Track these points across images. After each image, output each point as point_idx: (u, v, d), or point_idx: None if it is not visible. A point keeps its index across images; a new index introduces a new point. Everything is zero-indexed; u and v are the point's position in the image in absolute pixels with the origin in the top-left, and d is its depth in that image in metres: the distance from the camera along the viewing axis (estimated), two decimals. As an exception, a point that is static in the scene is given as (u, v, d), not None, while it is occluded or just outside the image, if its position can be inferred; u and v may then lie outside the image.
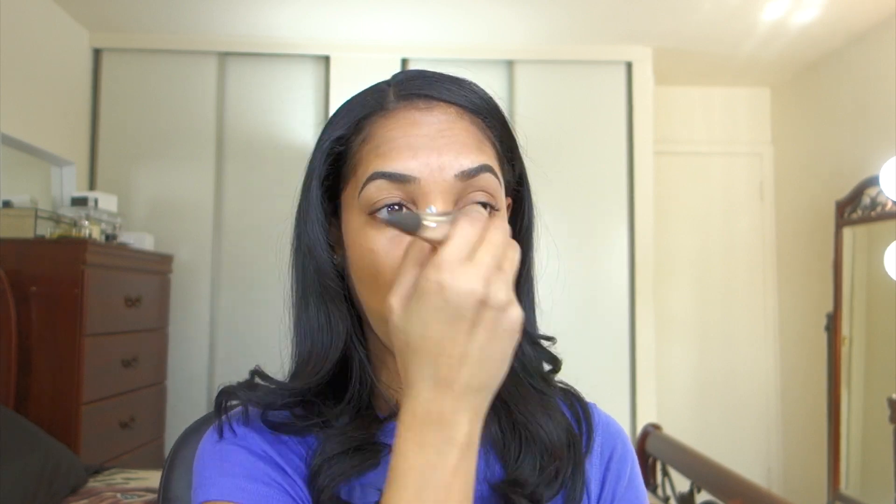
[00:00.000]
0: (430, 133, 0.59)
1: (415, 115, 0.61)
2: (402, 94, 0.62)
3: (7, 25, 2.58)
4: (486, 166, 0.60)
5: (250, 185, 3.26)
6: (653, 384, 3.30)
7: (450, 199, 0.58)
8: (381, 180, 0.58)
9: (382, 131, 0.61)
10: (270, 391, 0.63)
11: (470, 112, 0.62)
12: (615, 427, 0.73)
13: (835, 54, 3.40)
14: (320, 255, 0.63)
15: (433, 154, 0.58)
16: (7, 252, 2.38)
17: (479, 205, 0.60)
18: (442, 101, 0.62)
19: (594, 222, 3.34)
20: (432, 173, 0.58)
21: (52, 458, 1.98)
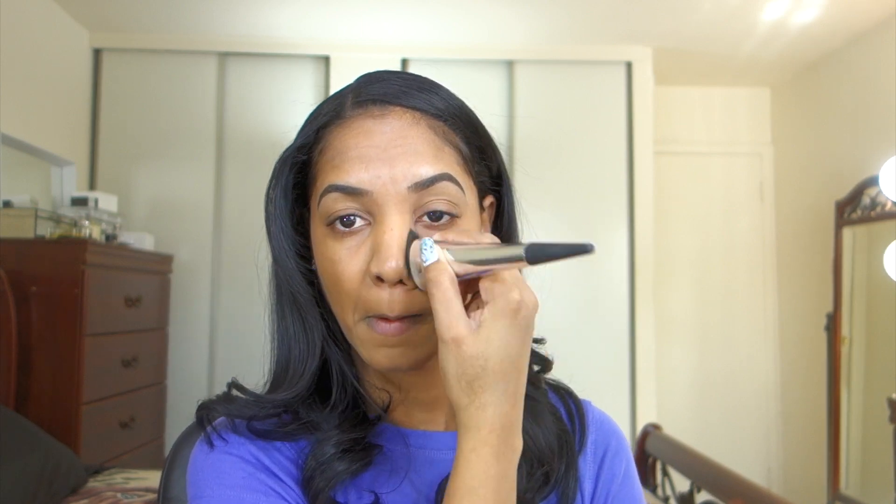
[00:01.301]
0: (381, 143, 0.58)
1: (368, 124, 0.59)
2: (358, 100, 0.61)
3: (7, 25, 2.58)
4: (443, 175, 0.58)
5: (250, 185, 3.25)
6: (653, 384, 3.30)
7: (405, 209, 0.58)
8: (335, 193, 0.58)
9: (337, 142, 0.60)
10: (250, 403, 0.62)
11: (428, 116, 0.60)
12: (609, 424, 0.72)
13: (835, 54, 3.40)
14: (286, 263, 0.63)
15: (385, 166, 0.57)
16: (7, 252, 2.38)
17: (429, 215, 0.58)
18: (398, 107, 0.60)
19: (594, 222, 3.34)
20: (384, 185, 0.57)
21: (52, 458, 1.98)
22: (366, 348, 0.59)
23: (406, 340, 0.58)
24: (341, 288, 0.59)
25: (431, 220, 0.58)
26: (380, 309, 0.57)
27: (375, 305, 0.57)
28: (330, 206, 0.59)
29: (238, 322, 3.22)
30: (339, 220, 0.59)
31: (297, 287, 0.63)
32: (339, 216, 0.59)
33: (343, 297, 0.59)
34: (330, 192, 0.59)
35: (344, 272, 0.58)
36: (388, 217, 0.57)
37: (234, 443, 0.61)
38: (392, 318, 0.57)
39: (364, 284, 0.58)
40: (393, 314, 0.57)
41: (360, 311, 0.58)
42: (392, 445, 0.63)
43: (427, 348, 0.59)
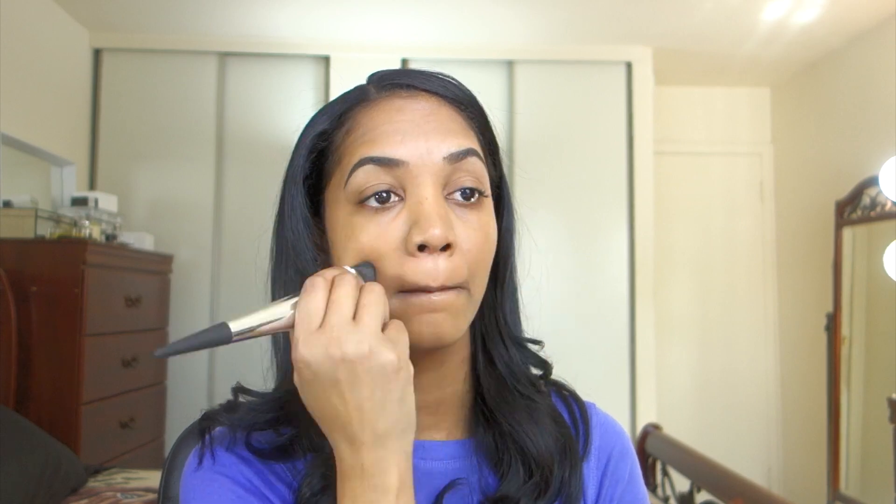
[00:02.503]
0: (415, 118, 0.59)
1: (398, 102, 0.60)
2: (384, 85, 0.62)
3: (7, 25, 2.58)
4: (473, 150, 0.59)
5: (250, 185, 3.25)
6: (653, 384, 3.30)
7: (439, 182, 0.58)
8: (370, 165, 0.57)
9: (367, 119, 0.60)
10: (253, 408, 0.62)
11: (451, 101, 0.62)
12: (614, 427, 0.71)
13: (835, 54, 3.40)
14: (304, 253, 0.61)
15: (420, 138, 0.58)
16: (7, 252, 2.38)
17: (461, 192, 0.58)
18: (424, 91, 0.61)
19: (594, 222, 3.34)
20: (421, 157, 0.57)
21: (52, 458, 1.98)
22: (405, 320, 0.56)
23: (450, 305, 0.56)
24: (381, 264, 0.56)
25: (464, 199, 0.59)
26: (418, 280, 0.55)
27: (413, 276, 0.55)
28: (362, 182, 0.57)
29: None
30: (374, 196, 0.57)
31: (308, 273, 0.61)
32: (374, 192, 0.57)
33: (384, 272, 0.56)
34: (364, 164, 0.57)
35: (380, 247, 0.56)
36: (424, 188, 0.57)
37: (228, 463, 0.59)
38: (434, 288, 0.55)
39: (398, 259, 0.56)
40: (437, 283, 0.55)
41: (393, 287, 0.56)
42: None
43: (465, 323, 0.58)
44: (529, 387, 0.66)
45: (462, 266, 0.57)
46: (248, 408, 0.62)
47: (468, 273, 0.57)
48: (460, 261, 0.57)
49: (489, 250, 0.60)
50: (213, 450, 0.60)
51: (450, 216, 0.57)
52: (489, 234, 0.60)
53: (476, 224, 0.59)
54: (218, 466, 0.59)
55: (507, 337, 0.66)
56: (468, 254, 0.57)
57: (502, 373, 0.65)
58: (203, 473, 0.59)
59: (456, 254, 0.56)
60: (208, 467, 0.59)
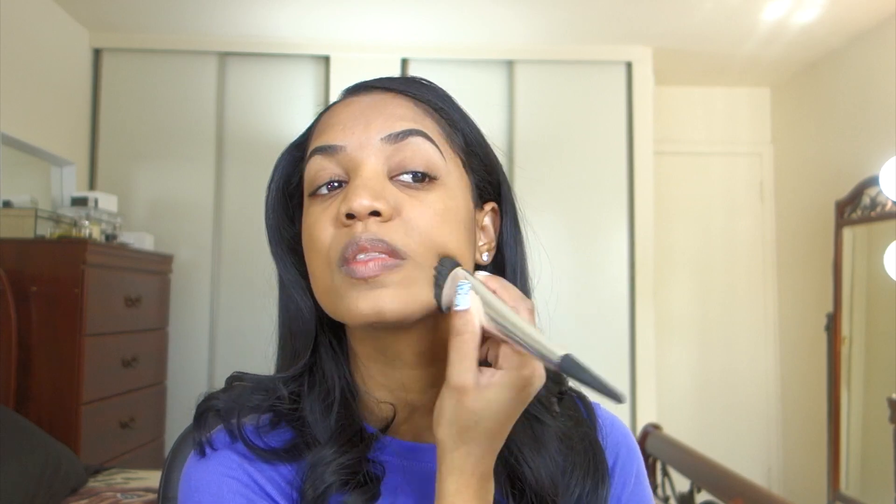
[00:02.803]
0: (361, 108, 0.61)
1: (350, 100, 0.63)
2: (348, 89, 0.65)
3: (7, 25, 2.58)
4: (416, 131, 0.60)
5: (250, 185, 3.25)
6: (653, 384, 3.30)
7: (379, 162, 0.58)
8: (317, 156, 0.60)
9: (322, 119, 0.64)
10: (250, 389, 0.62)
11: (408, 96, 0.63)
12: (620, 428, 0.71)
13: (835, 54, 3.40)
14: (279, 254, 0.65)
15: (360, 125, 0.60)
16: (7, 252, 2.38)
17: (409, 175, 0.59)
18: (381, 88, 0.63)
19: (594, 222, 3.34)
20: (359, 140, 0.59)
21: (52, 458, 1.98)
22: (347, 300, 0.56)
23: (387, 281, 0.55)
24: (315, 244, 0.58)
25: (412, 181, 0.59)
26: (346, 243, 0.56)
27: (347, 243, 0.56)
28: (313, 174, 0.60)
29: (238, 322, 3.21)
30: (324, 185, 0.60)
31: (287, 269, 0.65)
32: (323, 182, 0.60)
33: (317, 254, 0.58)
34: (312, 156, 0.61)
35: (317, 227, 0.59)
36: (361, 167, 0.58)
37: (232, 463, 0.58)
38: (365, 247, 0.55)
39: (334, 235, 0.57)
40: (365, 236, 0.55)
41: (336, 261, 0.57)
42: (393, 459, 0.61)
43: (414, 299, 0.56)
44: (538, 406, 0.63)
45: (403, 235, 0.56)
46: (244, 389, 0.63)
47: (415, 244, 0.56)
48: (401, 230, 0.56)
49: (448, 229, 0.59)
50: (214, 444, 0.59)
51: (391, 192, 0.58)
52: (445, 214, 0.59)
53: (426, 200, 0.58)
54: (223, 468, 0.58)
55: None
56: (415, 227, 0.57)
57: None
58: (213, 477, 0.58)
59: (395, 223, 0.57)
60: (217, 469, 0.58)
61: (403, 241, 0.56)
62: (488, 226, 0.66)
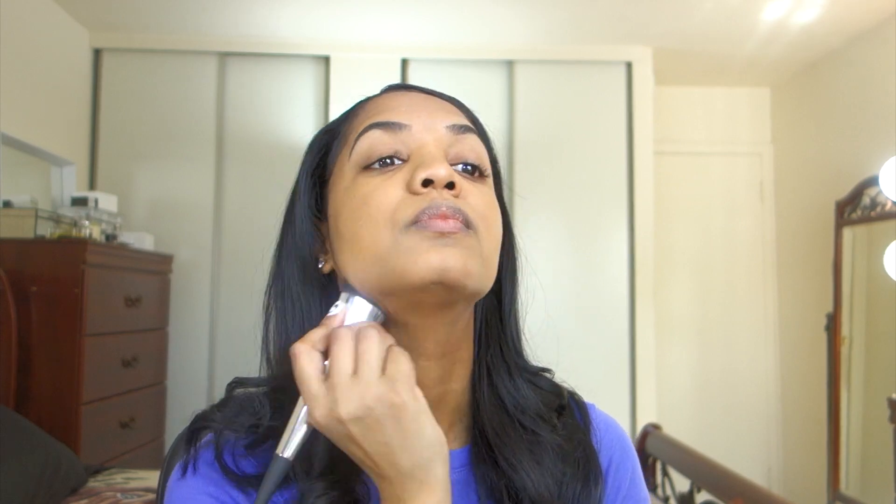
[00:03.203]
0: (420, 99, 0.63)
1: (401, 92, 0.64)
2: (388, 88, 0.66)
3: (7, 25, 2.58)
4: (475, 129, 0.63)
5: (250, 185, 3.26)
6: (653, 384, 3.30)
7: (440, 149, 0.59)
8: (375, 130, 0.59)
9: (370, 105, 0.63)
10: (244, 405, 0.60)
11: (451, 102, 0.66)
12: (615, 429, 0.71)
13: (835, 54, 3.40)
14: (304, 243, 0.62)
15: (424, 111, 0.61)
16: (7, 252, 2.38)
17: (463, 166, 0.60)
18: (424, 92, 0.65)
19: (594, 222, 3.34)
20: (424, 123, 0.60)
21: (52, 458, 1.98)
22: (415, 254, 0.53)
23: (461, 241, 0.55)
24: (376, 208, 0.56)
25: (467, 173, 0.60)
26: (432, 207, 0.54)
27: (424, 207, 0.54)
28: (367, 148, 0.59)
29: (238, 322, 3.21)
30: (378, 161, 0.58)
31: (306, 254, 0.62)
32: (379, 157, 0.58)
33: (378, 218, 0.55)
34: (369, 129, 0.59)
35: (380, 192, 0.56)
36: (427, 146, 0.58)
37: (212, 483, 0.57)
38: (446, 212, 0.54)
39: (404, 201, 0.56)
40: (446, 203, 0.55)
41: (405, 221, 0.55)
42: None
43: (475, 270, 0.55)
44: (536, 420, 0.63)
45: (471, 209, 0.57)
46: (239, 404, 0.61)
47: (479, 220, 0.57)
48: (469, 206, 0.57)
49: (497, 221, 0.60)
50: (199, 463, 0.58)
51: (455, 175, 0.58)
52: (493, 206, 0.61)
53: (483, 191, 0.60)
54: (205, 486, 0.57)
55: (513, 368, 0.65)
56: (476, 207, 0.58)
57: (507, 406, 0.63)
58: (190, 492, 0.57)
59: (461, 196, 0.57)
60: (192, 483, 0.57)
61: (473, 215, 0.57)
62: None
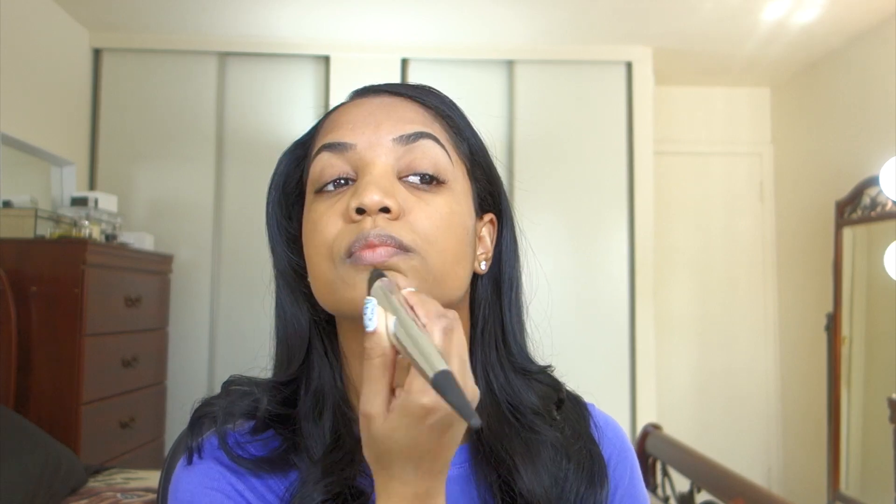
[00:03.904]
0: (370, 109, 0.61)
1: (360, 100, 0.63)
2: (355, 92, 0.65)
3: (7, 25, 2.58)
4: (428, 133, 0.60)
5: (250, 185, 3.25)
6: (653, 384, 3.30)
7: (389, 162, 0.58)
8: (325, 153, 0.60)
9: (330, 118, 0.64)
10: (246, 393, 0.62)
11: (416, 100, 0.63)
12: (614, 429, 0.71)
13: (835, 54, 3.40)
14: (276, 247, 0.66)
15: (371, 125, 0.60)
16: (7, 252, 2.38)
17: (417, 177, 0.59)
18: (390, 93, 0.64)
19: (594, 222, 3.34)
20: (369, 140, 0.59)
21: (52, 458, 1.98)
22: (350, 289, 0.55)
23: (397, 265, 0.55)
24: (319, 238, 0.58)
25: (422, 183, 0.59)
26: (361, 237, 0.55)
27: (356, 237, 0.55)
28: (319, 170, 0.60)
29: (238, 322, 3.21)
30: (331, 182, 0.59)
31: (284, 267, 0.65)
32: (330, 179, 0.59)
33: (319, 248, 0.57)
34: (319, 153, 0.60)
35: (323, 221, 0.58)
36: (371, 166, 0.58)
37: (215, 474, 0.58)
38: (374, 242, 0.55)
39: (343, 229, 0.57)
40: (374, 232, 0.55)
41: (341, 254, 0.56)
42: None
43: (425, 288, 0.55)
44: (532, 417, 0.63)
45: (409, 232, 0.56)
46: (241, 393, 0.63)
47: (420, 242, 0.56)
48: (407, 228, 0.56)
49: (452, 234, 0.59)
50: (203, 451, 0.59)
51: (400, 191, 0.58)
52: (450, 218, 0.59)
53: (433, 203, 0.58)
54: (208, 480, 0.58)
55: (508, 364, 0.65)
56: (421, 228, 0.57)
57: (501, 403, 0.63)
58: (193, 486, 0.58)
59: (402, 221, 0.56)
60: (201, 482, 0.58)
61: (410, 238, 0.56)
62: (485, 237, 0.66)
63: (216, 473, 0.58)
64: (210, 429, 0.61)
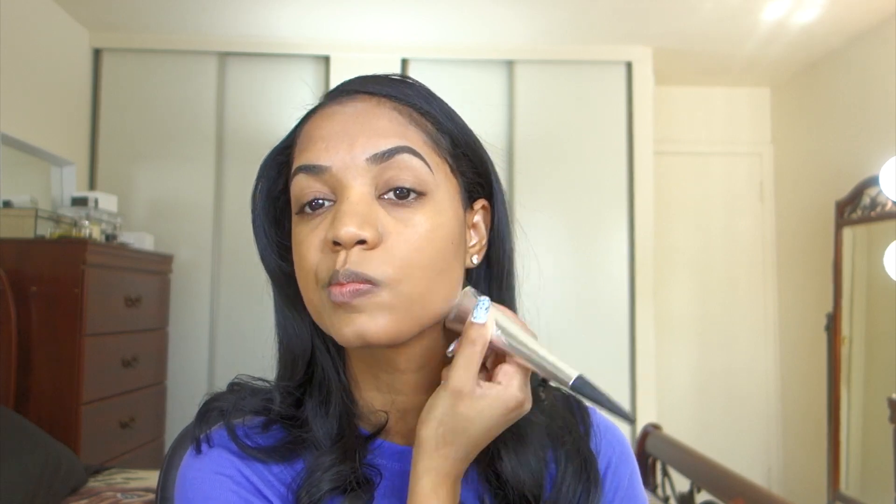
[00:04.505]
0: (344, 122, 0.60)
1: (333, 108, 0.62)
2: (331, 93, 0.64)
3: (7, 25, 2.58)
4: (403, 147, 0.59)
5: (250, 185, 3.22)
6: (653, 384, 3.30)
7: (366, 181, 0.58)
8: (301, 175, 0.60)
9: (304, 130, 0.63)
10: (255, 391, 0.64)
11: (393, 99, 0.61)
12: (615, 433, 0.71)
13: (835, 54, 3.40)
14: (267, 261, 0.67)
15: (344, 142, 0.59)
16: (7, 252, 2.38)
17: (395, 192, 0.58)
18: (363, 93, 0.62)
19: (594, 222, 3.34)
20: (343, 161, 0.58)
21: (52, 458, 1.98)
22: (333, 324, 0.57)
23: (364, 306, 0.56)
24: (303, 264, 0.59)
25: (397, 198, 0.58)
26: (328, 270, 0.57)
27: (325, 270, 0.57)
28: (298, 192, 0.60)
29: (238, 322, 3.22)
30: (308, 204, 0.60)
31: (276, 273, 0.66)
32: (307, 200, 0.60)
33: (306, 274, 0.59)
34: (296, 174, 0.60)
35: (304, 247, 0.59)
36: (348, 190, 0.58)
37: (225, 461, 0.59)
38: (344, 282, 0.55)
39: (321, 257, 0.58)
40: (342, 272, 0.55)
41: (321, 282, 0.57)
42: (385, 462, 0.63)
43: (397, 323, 0.57)
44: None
45: (382, 263, 0.56)
46: (249, 390, 0.64)
47: (394, 271, 0.56)
48: (383, 257, 0.56)
49: (434, 250, 0.58)
50: (212, 442, 0.60)
51: (377, 214, 0.57)
52: (432, 234, 0.58)
53: (412, 222, 0.58)
54: (217, 466, 0.59)
55: None
56: (399, 254, 0.57)
57: None
58: (205, 474, 0.59)
59: (379, 250, 0.56)
60: (210, 468, 0.59)
61: (381, 270, 0.56)
62: (479, 223, 0.66)
63: (225, 461, 0.59)
64: (217, 422, 0.62)
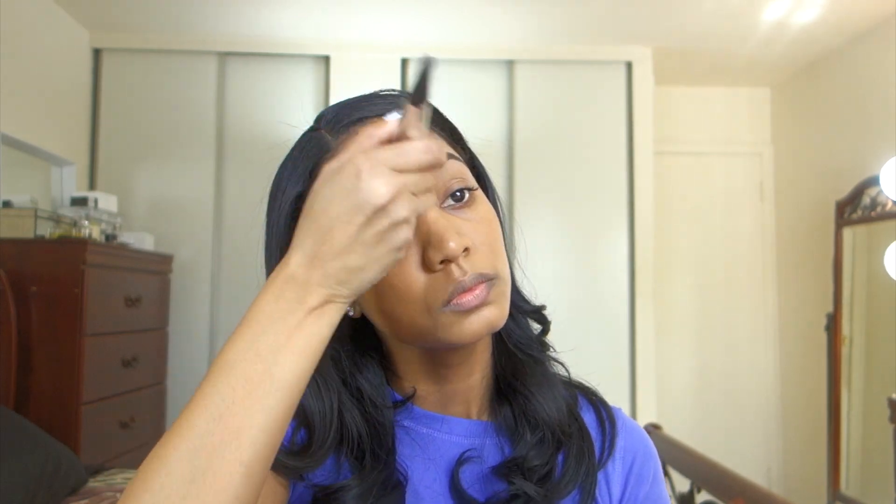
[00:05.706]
0: None
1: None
2: (337, 128, 0.62)
3: (7, 25, 2.58)
4: (448, 154, 0.61)
5: (250, 185, 3.25)
6: (653, 384, 3.30)
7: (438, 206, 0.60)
8: None
9: None
10: None
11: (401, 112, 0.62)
12: (639, 431, 0.74)
13: (835, 54, 3.40)
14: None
15: None
16: (7, 252, 2.38)
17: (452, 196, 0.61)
18: (374, 118, 0.61)
19: (594, 222, 3.34)
20: None
21: (52, 458, 1.98)
22: (458, 328, 0.59)
23: (492, 296, 0.59)
24: (408, 295, 0.58)
25: (457, 201, 0.61)
26: (459, 287, 0.57)
27: (453, 288, 0.58)
28: None
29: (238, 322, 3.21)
30: None
31: None
32: None
33: (413, 303, 0.58)
34: None
35: (404, 276, 0.58)
36: (425, 212, 0.57)
37: None
38: (471, 286, 0.58)
39: (426, 281, 0.58)
40: (468, 277, 0.57)
41: (439, 302, 0.58)
42: (413, 425, 0.66)
43: (506, 306, 0.61)
44: (538, 348, 0.71)
45: (482, 258, 0.59)
46: None
47: (490, 262, 0.60)
48: (479, 255, 0.59)
49: (497, 234, 0.63)
50: None
51: (455, 222, 0.59)
52: (492, 221, 0.63)
53: (477, 217, 0.61)
54: None
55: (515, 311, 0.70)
56: (482, 246, 0.60)
57: (512, 346, 0.69)
58: None
59: (473, 252, 0.59)
60: None
61: (488, 265, 0.59)
62: None
63: None
64: None
